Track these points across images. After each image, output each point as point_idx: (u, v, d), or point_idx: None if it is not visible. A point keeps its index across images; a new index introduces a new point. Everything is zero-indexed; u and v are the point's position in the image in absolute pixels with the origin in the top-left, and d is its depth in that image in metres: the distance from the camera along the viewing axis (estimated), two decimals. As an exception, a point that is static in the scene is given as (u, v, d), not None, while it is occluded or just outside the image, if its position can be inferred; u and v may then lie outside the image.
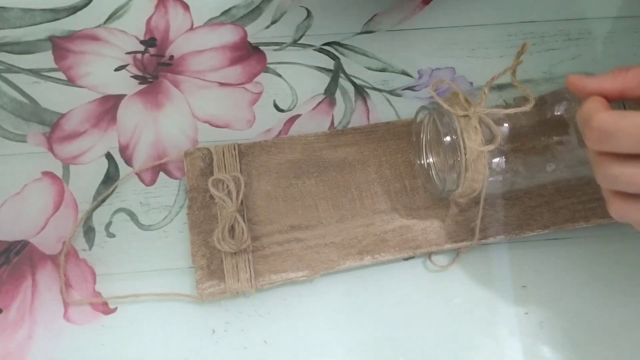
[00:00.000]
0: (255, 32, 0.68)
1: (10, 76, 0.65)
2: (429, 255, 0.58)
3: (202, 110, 0.64)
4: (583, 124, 0.43)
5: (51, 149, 0.62)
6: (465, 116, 0.50)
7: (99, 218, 0.60)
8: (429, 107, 0.53)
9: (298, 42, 0.67)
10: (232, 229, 0.56)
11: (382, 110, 0.64)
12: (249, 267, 0.56)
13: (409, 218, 0.58)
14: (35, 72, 0.65)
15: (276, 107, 0.65)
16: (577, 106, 0.51)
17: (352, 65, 0.66)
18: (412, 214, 0.59)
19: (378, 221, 0.58)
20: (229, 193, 0.57)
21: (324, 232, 0.58)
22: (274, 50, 0.67)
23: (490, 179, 0.51)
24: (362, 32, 0.68)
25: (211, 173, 0.59)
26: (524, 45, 0.52)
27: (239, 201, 0.57)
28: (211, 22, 0.68)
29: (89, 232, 0.59)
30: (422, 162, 0.58)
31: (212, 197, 0.58)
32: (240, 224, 0.56)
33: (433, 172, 0.57)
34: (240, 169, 0.60)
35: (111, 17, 0.68)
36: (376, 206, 0.59)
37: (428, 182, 0.58)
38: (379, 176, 0.60)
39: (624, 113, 0.41)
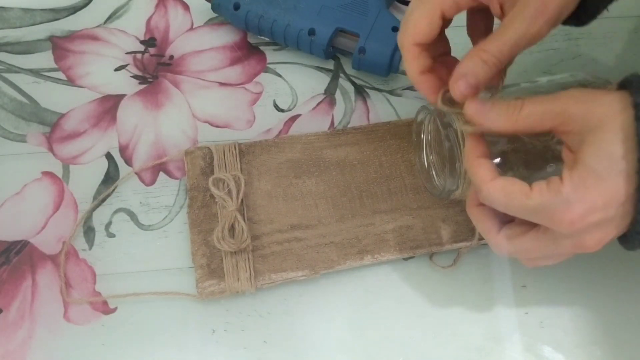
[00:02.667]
0: (255, 32, 0.68)
1: (10, 76, 0.65)
2: (430, 255, 0.58)
3: (202, 110, 0.64)
4: (475, 186, 0.48)
5: (51, 149, 0.62)
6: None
7: (99, 218, 0.60)
8: (430, 107, 0.53)
9: (298, 42, 0.68)
10: (232, 228, 0.56)
11: (382, 110, 0.65)
12: (249, 267, 0.56)
13: (410, 218, 0.58)
14: (35, 72, 0.65)
15: (276, 107, 0.65)
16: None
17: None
18: (412, 214, 0.58)
19: (378, 221, 0.58)
20: (230, 192, 0.57)
21: (324, 232, 0.58)
22: (274, 50, 0.67)
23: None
24: (362, 32, 0.68)
25: (212, 172, 0.59)
26: None
27: (239, 200, 0.57)
28: (211, 22, 0.68)
29: (89, 232, 0.59)
30: (423, 162, 0.58)
31: (212, 196, 0.58)
32: (241, 223, 0.56)
33: (433, 172, 0.57)
34: (241, 168, 0.60)
35: (111, 17, 0.68)
36: (376, 206, 0.59)
37: (428, 182, 0.58)
38: (380, 176, 0.60)
39: (511, 192, 0.45)
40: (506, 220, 0.49)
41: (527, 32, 0.45)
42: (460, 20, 0.59)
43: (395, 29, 0.62)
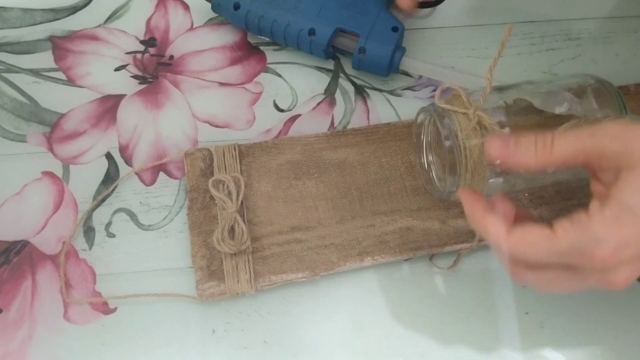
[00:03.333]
0: (255, 32, 0.68)
1: (10, 76, 0.65)
2: (430, 256, 0.58)
3: (202, 110, 0.64)
4: (492, 244, 0.45)
5: (51, 149, 0.62)
6: (466, 117, 0.50)
7: (99, 218, 0.60)
8: (430, 109, 0.53)
9: (298, 42, 0.67)
10: (232, 229, 0.56)
11: (382, 110, 0.64)
12: (249, 268, 0.56)
13: (410, 219, 0.58)
14: (35, 72, 0.65)
15: (276, 107, 0.65)
16: (579, 109, 0.51)
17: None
18: (412, 216, 0.58)
19: (378, 222, 0.58)
20: (229, 194, 0.57)
21: (324, 233, 0.58)
22: (274, 50, 0.67)
23: (491, 180, 0.51)
24: (362, 32, 0.68)
25: (211, 174, 0.59)
26: (508, 29, 0.49)
27: (239, 202, 0.57)
28: (211, 22, 0.68)
29: (89, 232, 0.59)
30: (423, 163, 0.58)
31: (212, 197, 0.58)
32: (240, 224, 0.56)
33: (433, 173, 0.57)
34: (241, 170, 0.60)
35: (111, 17, 0.68)
36: (376, 207, 0.59)
37: (428, 183, 0.58)
38: (380, 177, 0.60)
39: (533, 241, 0.42)
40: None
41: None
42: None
43: (395, 29, 0.62)
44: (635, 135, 0.42)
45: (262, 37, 0.67)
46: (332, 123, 0.64)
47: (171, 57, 0.66)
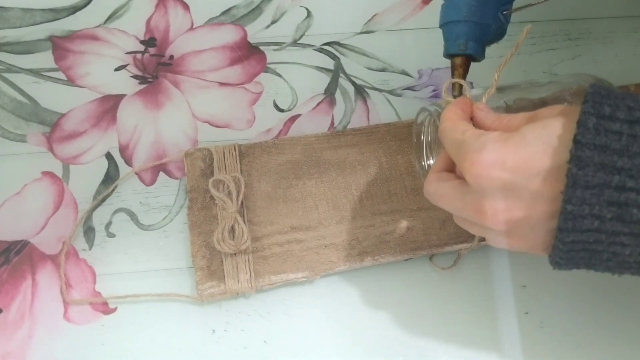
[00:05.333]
0: (255, 32, 0.68)
1: (10, 76, 0.65)
2: (430, 256, 0.58)
3: (202, 110, 0.64)
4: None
5: (51, 149, 0.62)
6: None
7: (99, 218, 0.60)
8: (430, 109, 0.53)
9: (298, 42, 0.68)
10: (232, 229, 0.56)
11: (382, 110, 0.65)
12: (249, 268, 0.56)
13: (410, 219, 0.58)
14: (35, 72, 0.65)
15: (276, 107, 0.65)
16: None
17: (352, 65, 0.67)
18: (412, 216, 0.58)
19: (378, 222, 0.58)
20: (229, 194, 0.57)
21: (324, 233, 0.58)
22: (274, 50, 0.67)
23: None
24: (362, 32, 0.68)
25: (211, 173, 0.59)
26: (527, 30, 0.49)
27: (239, 202, 0.57)
28: (211, 22, 0.68)
29: (89, 232, 0.59)
30: (423, 163, 0.58)
31: (212, 197, 0.58)
32: (240, 224, 0.56)
33: (433, 173, 0.57)
34: (241, 170, 0.60)
35: (111, 17, 0.68)
36: (377, 207, 0.59)
37: (428, 183, 0.58)
38: (380, 177, 0.60)
39: (457, 124, 0.46)
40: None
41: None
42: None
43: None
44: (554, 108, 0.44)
45: (262, 37, 0.67)
46: (332, 123, 0.64)
47: (171, 57, 0.66)
